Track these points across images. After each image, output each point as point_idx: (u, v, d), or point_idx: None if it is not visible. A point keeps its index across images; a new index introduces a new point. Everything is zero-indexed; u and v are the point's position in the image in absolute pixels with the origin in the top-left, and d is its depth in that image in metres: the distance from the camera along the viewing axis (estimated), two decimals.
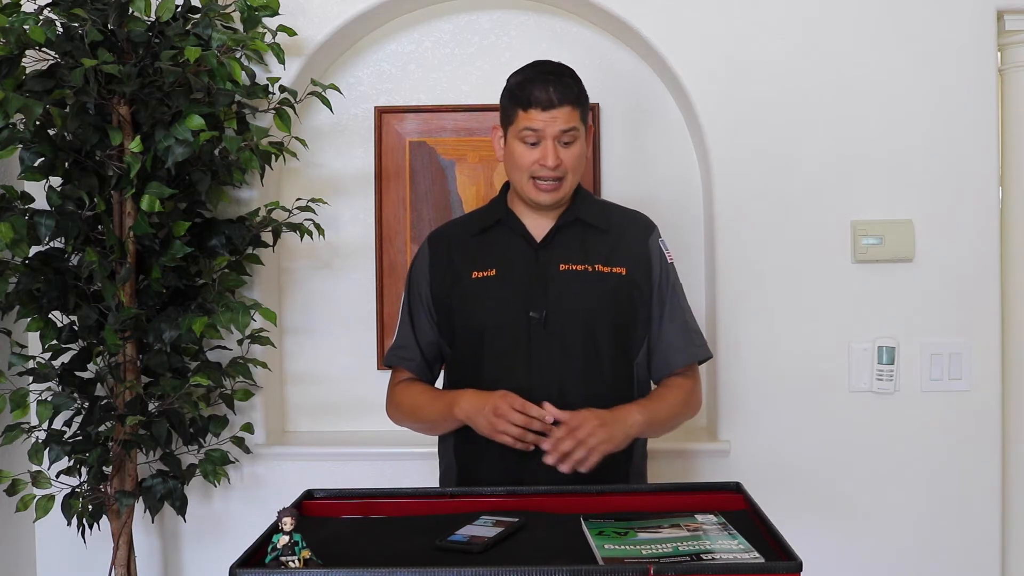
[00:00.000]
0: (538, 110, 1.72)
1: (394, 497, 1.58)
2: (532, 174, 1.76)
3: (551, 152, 1.73)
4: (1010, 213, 2.52)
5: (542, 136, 1.73)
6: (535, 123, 1.73)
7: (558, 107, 1.72)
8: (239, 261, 2.35)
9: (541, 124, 1.72)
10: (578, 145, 1.76)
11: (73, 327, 2.23)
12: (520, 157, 1.76)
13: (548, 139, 1.73)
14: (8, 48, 2.01)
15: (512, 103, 1.77)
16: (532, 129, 1.73)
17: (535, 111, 1.72)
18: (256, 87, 2.34)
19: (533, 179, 1.76)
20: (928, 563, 2.46)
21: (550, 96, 1.72)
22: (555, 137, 1.73)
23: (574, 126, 1.74)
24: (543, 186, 1.76)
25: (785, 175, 2.46)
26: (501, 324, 1.79)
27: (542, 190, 1.76)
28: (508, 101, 1.78)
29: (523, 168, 1.76)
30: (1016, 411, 2.50)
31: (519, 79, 1.78)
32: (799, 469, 2.47)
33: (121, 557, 2.25)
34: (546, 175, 1.74)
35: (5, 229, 2.01)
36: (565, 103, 1.72)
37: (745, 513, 1.44)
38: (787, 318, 2.47)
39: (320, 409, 2.71)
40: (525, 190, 1.78)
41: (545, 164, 1.73)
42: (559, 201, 1.79)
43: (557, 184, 1.76)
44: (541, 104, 1.72)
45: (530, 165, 1.75)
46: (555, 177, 1.75)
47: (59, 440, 2.22)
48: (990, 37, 2.43)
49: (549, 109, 1.72)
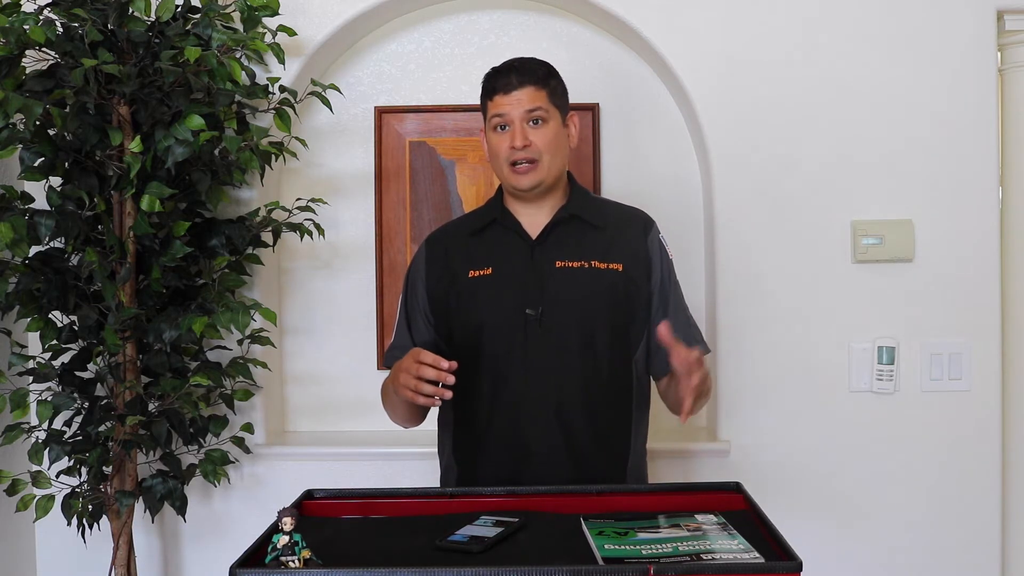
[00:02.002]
0: (501, 95, 1.78)
1: (394, 497, 1.58)
2: (508, 160, 1.79)
3: (519, 133, 1.77)
4: (1010, 213, 2.52)
5: (509, 120, 1.78)
6: (500, 108, 1.78)
7: (519, 88, 1.78)
8: (239, 261, 2.35)
9: (506, 108, 1.78)
10: (550, 127, 1.79)
11: (73, 327, 2.24)
12: (496, 146, 1.81)
13: (515, 122, 1.78)
14: (8, 48, 2.01)
15: (483, 97, 1.84)
16: (499, 114, 1.79)
17: (500, 96, 1.79)
18: (256, 87, 2.34)
19: (510, 165, 1.79)
20: (928, 563, 2.46)
21: (510, 80, 1.78)
22: (521, 119, 1.77)
23: (539, 106, 1.78)
24: (519, 168, 1.79)
25: (785, 175, 2.46)
26: (498, 322, 1.79)
27: (518, 173, 1.79)
28: (481, 98, 1.85)
29: (499, 156, 1.80)
30: (1016, 411, 2.50)
31: (487, 73, 1.84)
32: (799, 469, 2.47)
33: (121, 557, 2.25)
34: (518, 157, 1.78)
35: (5, 229, 2.01)
36: (526, 84, 1.78)
37: (745, 513, 1.44)
38: (787, 318, 2.47)
39: (320, 409, 2.71)
40: (505, 178, 1.82)
41: (515, 146, 1.77)
42: (538, 183, 1.80)
43: (532, 166, 1.78)
44: (503, 88, 1.78)
45: (505, 151, 1.79)
46: (528, 159, 1.78)
47: (59, 440, 2.22)
48: (990, 37, 2.43)
49: (511, 92, 1.78)
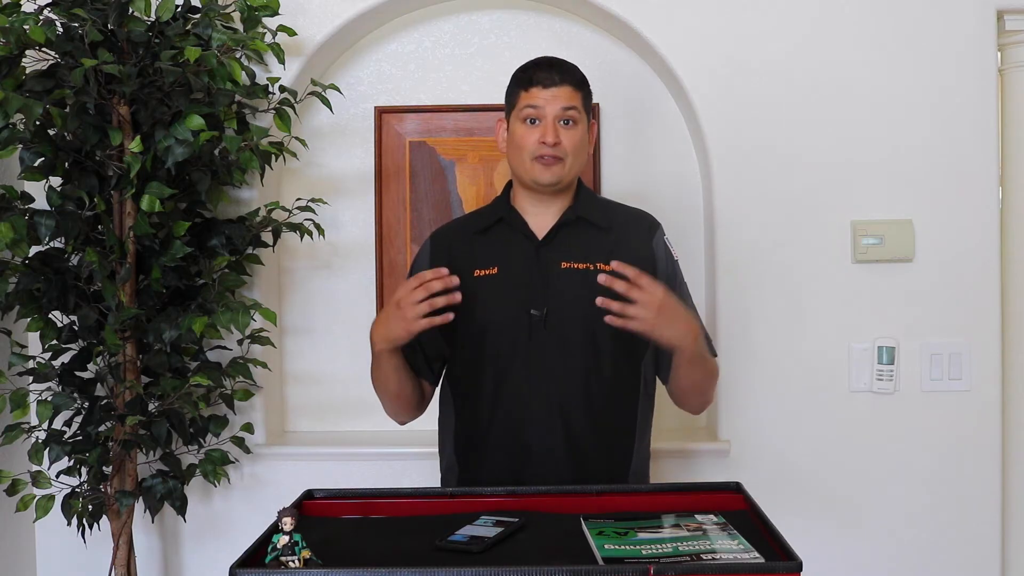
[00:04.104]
0: (539, 88, 1.78)
1: (394, 497, 1.58)
2: (534, 153, 1.78)
3: (551, 129, 1.76)
4: (1010, 213, 2.52)
5: (543, 115, 1.77)
6: (536, 100, 1.78)
7: (559, 86, 1.77)
8: (239, 261, 2.34)
9: (542, 101, 1.77)
10: (579, 129, 1.79)
11: (73, 327, 2.23)
12: (522, 137, 1.79)
13: (548, 118, 1.77)
14: (8, 48, 2.01)
15: (516, 86, 1.83)
16: (533, 106, 1.78)
17: (536, 89, 1.78)
18: (256, 87, 2.34)
19: (536, 158, 1.78)
20: (928, 563, 2.46)
21: (551, 75, 1.78)
22: (556, 116, 1.77)
23: (575, 106, 1.78)
24: (545, 160, 1.77)
25: (785, 175, 2.46)
26: (502, 322, 1.79)
27: (544, 164, 1.78)
28: (513, 86, 1.84)
29: (524, 148, 1.79)
30: (1016, 411, 2.50)
31: (524, 65, 1.84)
32: (799, 469, 2.47)
33: (121, 557, 2.25)
34: (546, 152, 1.77)
35: (5, 229, 2.01)
36: (566, 83, 1.78)
37: (745, 513, 1.44)
38: (787, 318, 2.47)
39: (320, 409, 2.71)
40: (527, 170, 1.80)
41: (545, 141, 1.76)
42: (559, 180, 1.79)
43: (557, 161, 1.78)
44: (543, 82, 1.78)
45: (532, 145, 1.78)
46: (555, 156, 1.77)
47: (59, 440, 2.21)
48: (990, 37, 2.43)
49: (550, 87, 1.77)
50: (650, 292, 1.61)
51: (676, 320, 1.65)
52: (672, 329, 1.65)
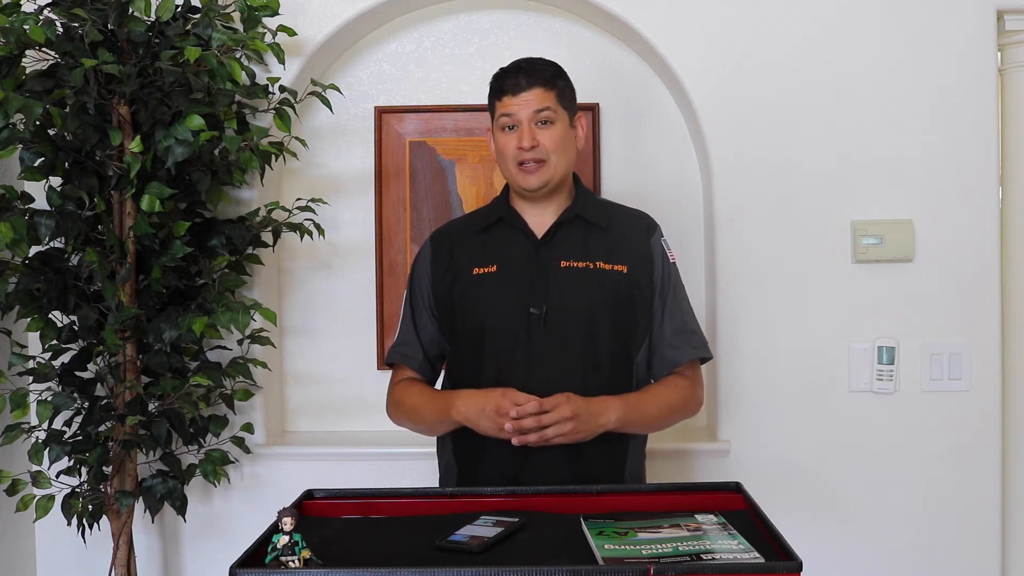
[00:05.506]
0: (510, 96, 1.80)
1: (394, 497, 1.58)
2: (515, 160, 1.81)
3: (527, 134, 1.79)
4: (1010, 213, 2.52)
5: (517, 121, 1.80)
6: (509, 108, 1.80)
7: (527, 90, 1.80)
8: (239, 261, 2.34)
9: (515, 108, 1.80)
10: (557, 127, 1.81)
11: (73, 327, 2.23)
12: (503, 146, 1.82)
13: (523, 122, 1.79)
14: (8, 48, 2.01)
15: (491, 96, 1.86)
16: (507, 114, 1.81)
17: (508, 97, 1.81)
18: (256, 87, 2.34)
19: (518, 165, 1.81)
20: (928, 563, 2.46)
21: (519, 81, 1.80)
22: (529, 119, 1.79)
23: (547, 106, 1.80)
24: (526, 168, 1.80)
25: (785, 175, 2.46)
26: (501, 320, 1.79)
27: (526, 172, 1.80)
28: (489, 96, 1.87)
29: (507, 156, 1.82)
30: (1016, 411, 2.50)
31: (496, 73, 1.86)
32: (799, 469, 2.47)
33: (121, 557, 2.25)
34: (526, 157, 1.79)
35: (5, 229, 2.01)
36: (534, 85, 1.80)
37: (745, 513, 1.44)
38: (787, 318, 2.47)
39: (320, 409, 2.71)
40: (513, 178, 1.83)
41: (522, 147, 1.78)
42: (545, 183, 1.81)
43: (540, 166, 1.80)
44: (511, 90, 1.80)
45: (512, 151, 1.80)
46: (536, 159, 1.79)
47: (59, 440, 2.21)
48: (990, 37, 2.43)
49: (519, 93, 1.80)
50: (558, 412, 1.65)
51: (594, 416, 1.70)
52: (594, 425, 1.70)
